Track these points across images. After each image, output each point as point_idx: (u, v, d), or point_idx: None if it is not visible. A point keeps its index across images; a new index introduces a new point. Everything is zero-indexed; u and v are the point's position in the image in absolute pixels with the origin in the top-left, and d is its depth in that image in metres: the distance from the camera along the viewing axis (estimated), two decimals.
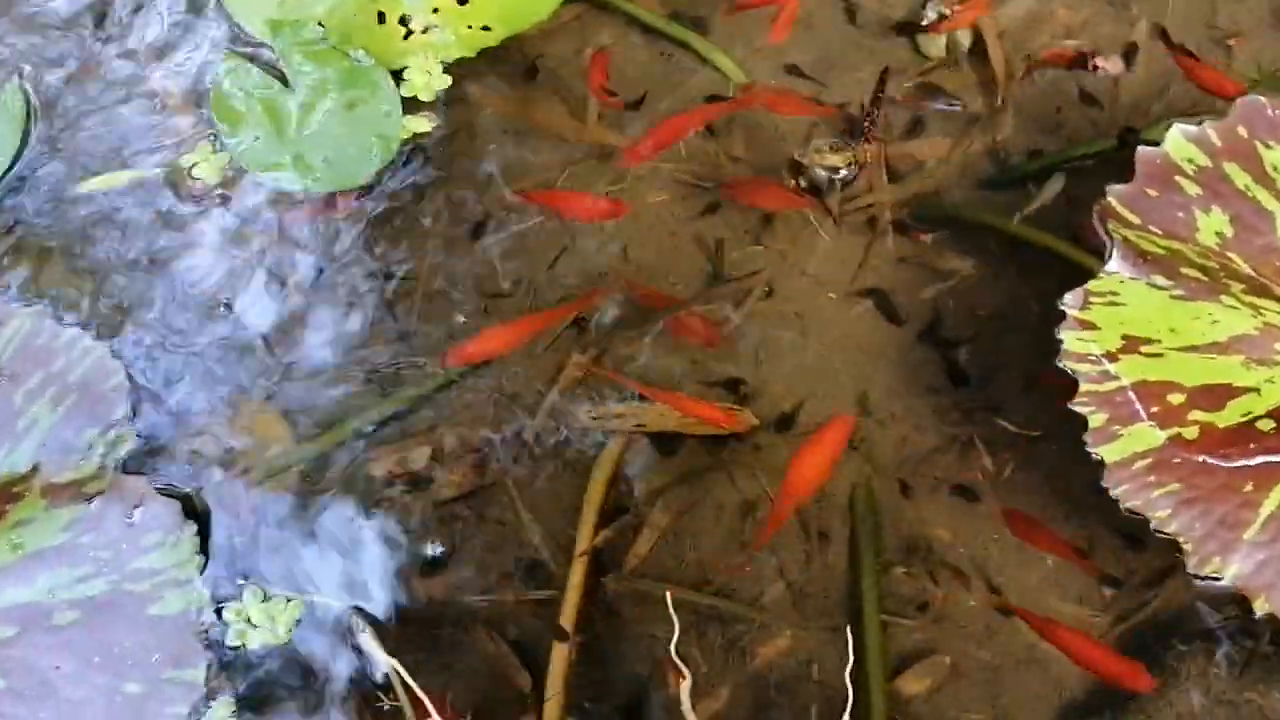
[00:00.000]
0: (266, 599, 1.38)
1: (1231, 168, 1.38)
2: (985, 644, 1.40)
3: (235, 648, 1.36)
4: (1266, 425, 1.28)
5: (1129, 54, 1.68)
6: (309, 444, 1.49)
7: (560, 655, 1.37)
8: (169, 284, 1.58)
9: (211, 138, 1.61)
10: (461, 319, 1.56)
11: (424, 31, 1.62)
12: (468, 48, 1.63)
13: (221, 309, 1.55)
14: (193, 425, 1.50)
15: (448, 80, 1.64)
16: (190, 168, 1.60)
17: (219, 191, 1.60)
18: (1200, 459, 1.28)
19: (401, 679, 1.29)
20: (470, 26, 1.62)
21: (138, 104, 1.68)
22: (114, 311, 1.56)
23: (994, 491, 1.46)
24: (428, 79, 1.61)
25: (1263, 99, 1.40)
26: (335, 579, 1.43)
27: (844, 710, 1.21)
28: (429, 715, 1.23)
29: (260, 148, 1.58)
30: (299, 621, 1.38)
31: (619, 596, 1.43)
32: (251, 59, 1.65)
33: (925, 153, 1.65)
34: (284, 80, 1.61)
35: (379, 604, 1.42)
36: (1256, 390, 1.30)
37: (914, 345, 1.53)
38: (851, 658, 1.27)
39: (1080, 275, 1.43)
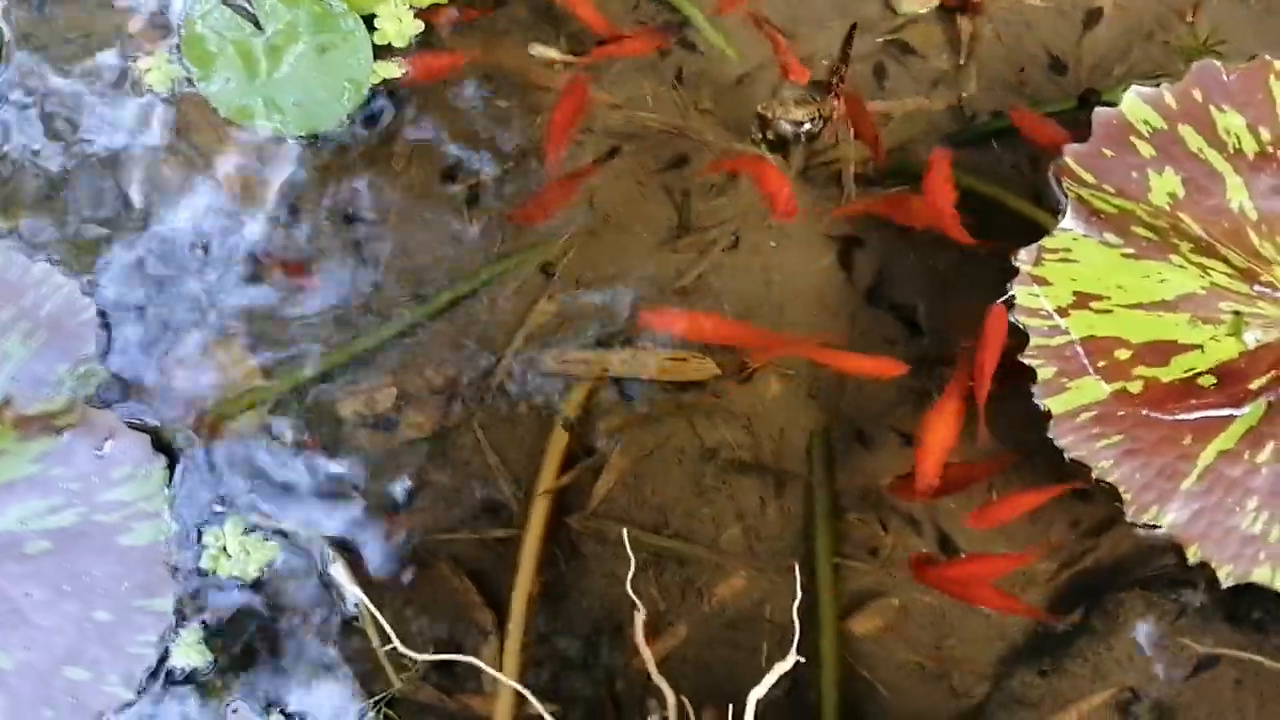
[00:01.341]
0: (247, 531, 1.41)
1: (1186, 130, 1.42)
2: (932, 589, 1.45)
3: (206, 572, 1.39)
4: (1208, 381, 1.33)
5: (1093, 17, 1.70)
6: (278, 383, 1.52)
7: (523, 590, 1.41)
8: (142, 223, 1.60)
9: (172, 50, 1.63)
10: (428, 259, 1.59)
11: None
12: None
13: (199, 250, 1.57)
14: (162, 362, 1.52)
15: (419, 25, 1.64)
16: (145, 71, 1.61)
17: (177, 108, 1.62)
18: (1143, 412, 1.32)
19: (368, 609, 1.33)
20: None
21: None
22: (86, 245, 1.57)
23: None
24: (399, 26, 1.62)
25: (1218, 63, 1.43)
26: (304, 514, 1.46)
27: (800, 646, 1.26)
28: (392, 643, 1.27)
29: (232, 90, 1.59)
30: (271, 564, 1.41)
31: (581, 536, 1.47)
32: (224, 1, 1.65)
33: (891, 109, 1.68)
34: (256, 23, 1.62)
35: (346, 539, 1.45)
36: (1200, 348, 1.35)
37: (872, 298, 1.57)
38: (799, 595, 1.31)
39: (1038, 232, 1.46)
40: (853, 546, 1.47)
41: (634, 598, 1.27)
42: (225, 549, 1.40)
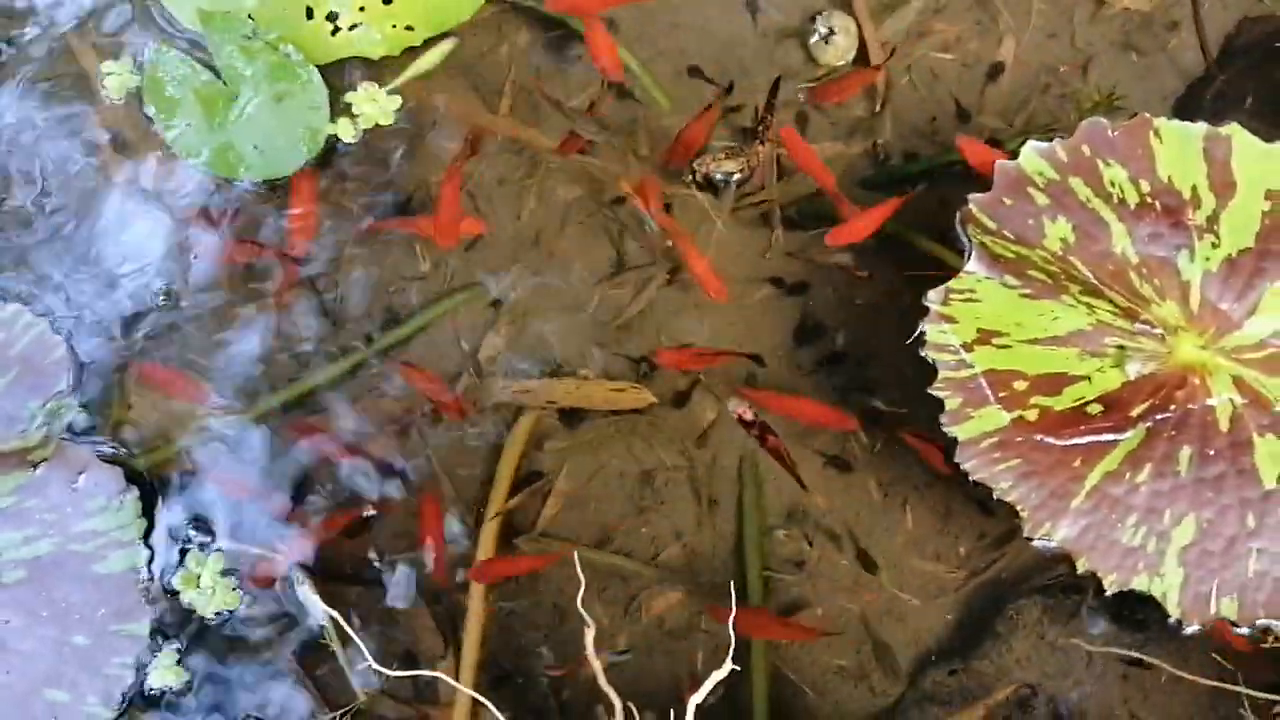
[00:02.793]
0: (225, 573, 1.49)
1: (1075, 182, 1.57)
2: (853, 598, 1.58)
3: (177, 594, 1.47)
4: (1095, 409, 1.48)
5: (995, 70, 1.85)
6: (240, 415, 1.60)
7: (476, 606, 1.52)
8: (100, 259, 1.67)
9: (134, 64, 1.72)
10: (383, 298, 1.68)
11: (351, 29, 1.72)
12: (392, 46, 1.73)
13: (161, 285, 1.65)
14: (125, 395, 1.59)
15: (398, 100, 1.73)
16: (107, 74, 1.69)
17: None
18: (1038, 438, 1.47)
19: (338, 625, 1.42)
20: (395, 26, 1.72)
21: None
22: (45, 283, 1.64)
23: (866, 463, 1.64)
24: (377, 104, 1.71)
25: (1104, 121, 1.58)
26: (269, 539, 1.55)
27: (728, 653, 1.38)
28: (367, 661, 1.36)
29: (192, 135, 1.67)
30: (231, 613, 1.49)
31: (530, 556, 1.58)
32: (184, 49, 1.73)
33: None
34: (215, 72, 1.69)
35: (308, 562, 1.54)
36: (1088, 379, 1.50)
37: (798, 331, 1.70)
38: (734, 608, 1.43)
39: (946, 270, 1.60)
40: (780, 560, 1.60)
41: (584, 615, 1.38)
42: (199, 579, 1.47)
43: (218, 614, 1.47)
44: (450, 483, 1.61)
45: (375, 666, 1.36)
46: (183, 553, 1.48)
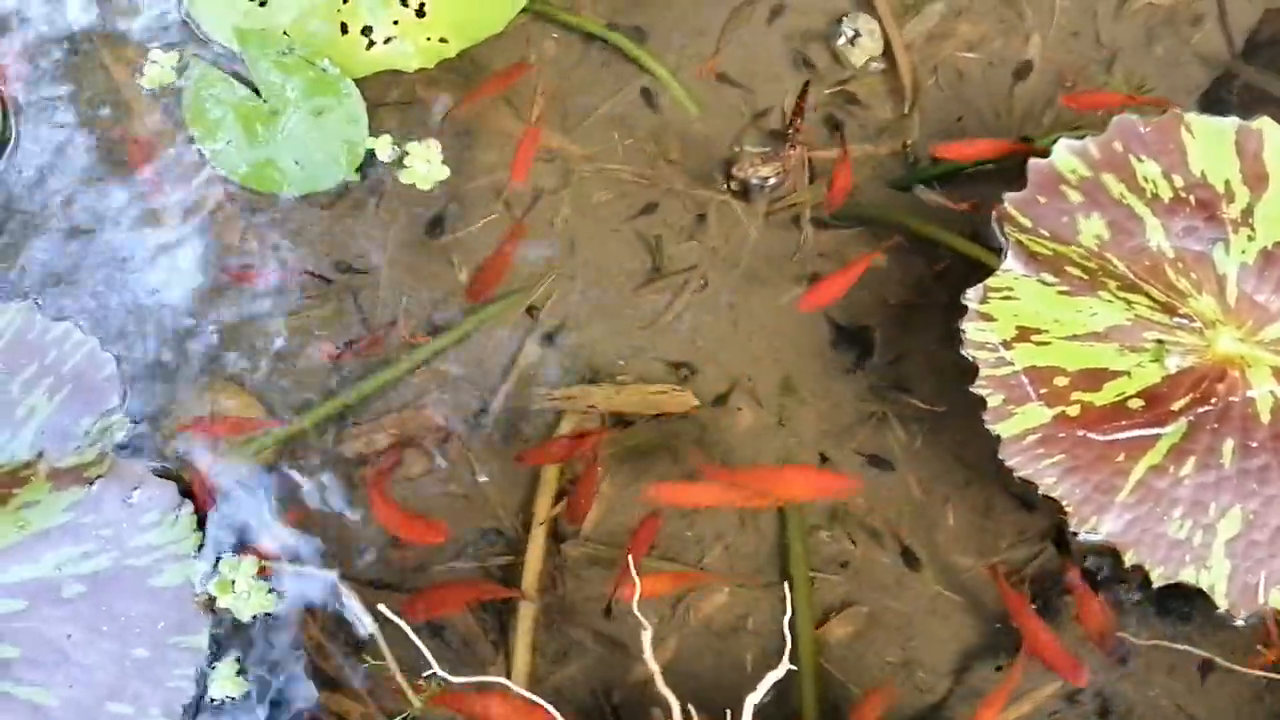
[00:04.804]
0: (260, 574, 1.50)
1: (1108, 178, 1.58)
2: (897, 596, 1.59)
3: (212, 598, 1.49)
4: (1136, 404, 1.49)
5: (1022, 69, 1.87)
6: (285, 427, 1.62)
7: (526, 613, 1.54)
8: (137, 276, 1.70)
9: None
10: (420, 306, 1.70)
11: (385, 43, 1.74)
12: (426, 59, 1.75)
13: (207, 298, 1.67)
14: (176, 410, 1.61)
15: (446, 172, 1.75)
16: (151, 63, 1.74)
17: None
18: (1081, 433, 1.48)
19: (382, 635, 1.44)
20: (429, 39, 1.74)
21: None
22: (102, 304, 1.67)
23: (906, 461, 1.65)
24: (429, 167, 1.72)
25: (1135, 117, 1.60)
26: (314, 550, 1.56)
27: (781, 655, 1.39)
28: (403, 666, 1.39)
29: (233, 152, 1.69)
30: (266, 615, 1.51)
31: (575, 561, 1.59)
32: (222, 66, 1.75)
33: (842, 155, 1.82)
34: (253, 87, 1.71)
35: (355, 572, 1.56)
36: (1128, 374, 1.51)
37: (832, 331, 1.71)
38: (789, 609, 1.45)
39: (979, 268, 1.62)
40: (824, 560, 1.61)
41: (640, 617, 1.40)
42: (234, 583, 1.49)
43: (254, 617, 1.49)
44: (495, 489, 1.62)
45: (438, 671, 1.37)
46: (217, 559, 1.50)
